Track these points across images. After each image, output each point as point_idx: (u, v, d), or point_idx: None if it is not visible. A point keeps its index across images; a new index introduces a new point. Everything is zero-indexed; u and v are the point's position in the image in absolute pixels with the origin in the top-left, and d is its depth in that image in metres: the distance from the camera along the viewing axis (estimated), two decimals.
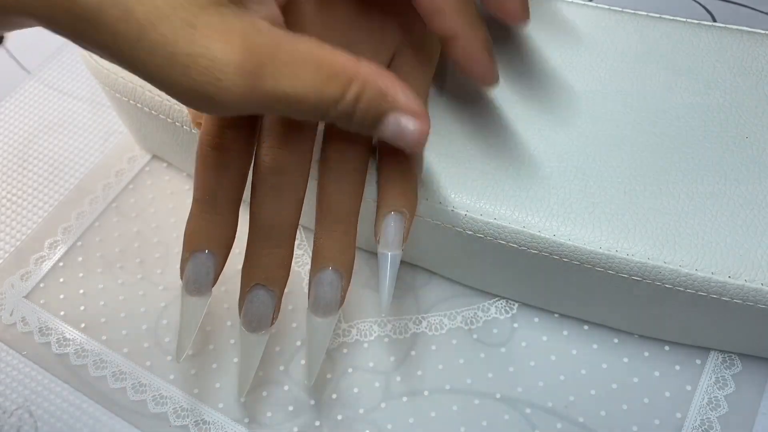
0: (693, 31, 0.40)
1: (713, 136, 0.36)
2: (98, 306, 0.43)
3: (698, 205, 0.34)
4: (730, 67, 0.38)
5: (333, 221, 0.33)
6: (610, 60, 0.39)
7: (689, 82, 0.38)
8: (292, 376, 0.39)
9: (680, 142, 0.36)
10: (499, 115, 0.38)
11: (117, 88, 0.41)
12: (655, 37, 0.40)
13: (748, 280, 0.32)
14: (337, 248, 0.33)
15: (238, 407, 0.38)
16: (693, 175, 0.35)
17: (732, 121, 0.37)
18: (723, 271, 0.33)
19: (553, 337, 0.39)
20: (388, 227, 0.33)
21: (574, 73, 0.39)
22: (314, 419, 0.38)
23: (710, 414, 0.36)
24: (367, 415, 0.38)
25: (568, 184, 0.35)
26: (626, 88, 0.38)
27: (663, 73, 0.39)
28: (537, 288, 0.39)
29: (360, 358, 0.40)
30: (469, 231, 0.36)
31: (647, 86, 0.38)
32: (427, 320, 0.41)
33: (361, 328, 0.41)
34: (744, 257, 0.33)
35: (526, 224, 0.35)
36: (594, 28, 0.41)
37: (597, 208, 0.35)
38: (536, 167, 0.36)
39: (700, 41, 0.40)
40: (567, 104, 0.38)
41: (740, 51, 0.39)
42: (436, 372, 0.39)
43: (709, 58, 0.39)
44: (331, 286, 0.33)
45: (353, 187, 0.33)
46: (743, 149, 0.36)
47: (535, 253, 0.35)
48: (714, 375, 0.38)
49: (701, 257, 0.33)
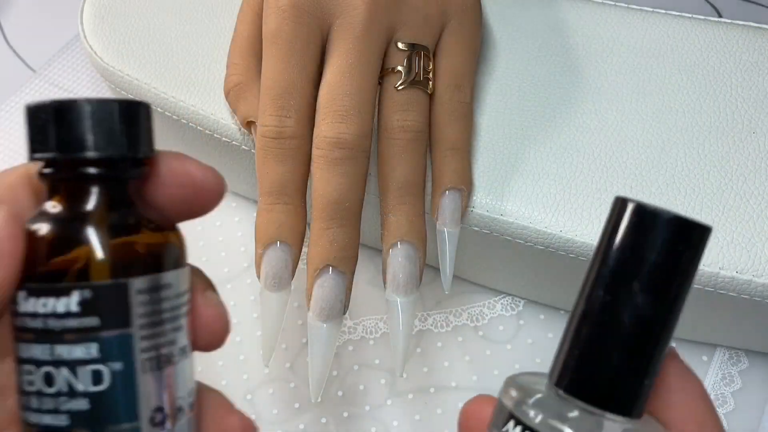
0: (699, 27, 0.40)
1: (720, 132, 0.36)
2: None
3: (705, 201, 0.34)
4: (737, 63, 0.38)
5: (400, 194, 0.33)
6: (615, 56, 0.39)
7: (695, 78, 0.38)
8: (298, 374, 0.39)
9: (687, 137, 0.36)
10: (503, 112, 0.38)
11: (122, 85, 0.41)
12: (661, 33, 0.40)
13: (756, 276, 0.32)
14: (407, 222, 0.32)
15: (244, 404, 0.38)
16: (700, 171, 0.35)
17: (739, 117, 0.37)
18: (730, 266, 0.32)
19: (559, 334, 0.39)
20: (446, 204, 0.33)
21: (580, 69, 0.39)
22: (320, 416, 0.38)
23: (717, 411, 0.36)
24: (373, 412, 0.38)
25: (574, 180, 0.35)
26: (632, 84, 0.38)
27: (669, 69, 0.39)
28: (543, 285, 0.39)
29: (366, 355, 0.40)
30: (476, 227, 0.36)
31: (653, 82, 0.38)
32: (433, 317, 0.41)
33: (366, 325, 0.41)
34: (752, 252, 0.33)
35: (533, 220, 0.34)
36: (600, 24, 0.41)
37: (604, 204, 0.34)
38: (542, 163, 0.36)
39: (706, 37, 0.40)
40: (572, 100, 0.38)
41: (746, 47, 0.39)
42: (442, 369, 0.39)
43: (715, 54, 0.39)
44: (409, 260, 0.32)
45: (417, 157, 0.33)
46: (750, 144, 0.36)
47: (542, 249, 0.35)
48: (720, 372, 0.37)
49: (708, 253, 0.33)
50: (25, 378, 0.19)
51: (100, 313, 0.19)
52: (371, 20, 0.32)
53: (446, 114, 0.34)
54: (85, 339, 0.19)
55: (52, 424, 0.19)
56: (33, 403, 0.19)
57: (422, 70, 0.34)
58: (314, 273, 0.31)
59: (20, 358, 0.19)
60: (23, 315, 0.19)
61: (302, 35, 0.32)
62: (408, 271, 0.32)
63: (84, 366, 0.19)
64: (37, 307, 0.19)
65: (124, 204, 0.20)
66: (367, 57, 0.32)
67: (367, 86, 0.32)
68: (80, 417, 0.19)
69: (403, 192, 0.33)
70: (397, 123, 0.33)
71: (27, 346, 0.19)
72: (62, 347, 0.19)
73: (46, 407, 0.19)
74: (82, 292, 0.19)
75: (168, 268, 0.20)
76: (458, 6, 0.35)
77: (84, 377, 0.19)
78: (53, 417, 0.19)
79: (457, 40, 0.35)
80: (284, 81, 0.32)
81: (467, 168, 0.34)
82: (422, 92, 0.34)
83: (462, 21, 0.35)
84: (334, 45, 0.33)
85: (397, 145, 0.33)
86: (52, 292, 0.18)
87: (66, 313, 0.18)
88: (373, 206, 0.35)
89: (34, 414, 0.19)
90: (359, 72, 0.32)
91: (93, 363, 0.19)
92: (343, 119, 0.31)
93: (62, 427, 0.19)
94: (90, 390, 0.19)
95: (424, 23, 0.34)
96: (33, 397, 0.19)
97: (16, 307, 0.19)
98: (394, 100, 0.33)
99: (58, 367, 0.19)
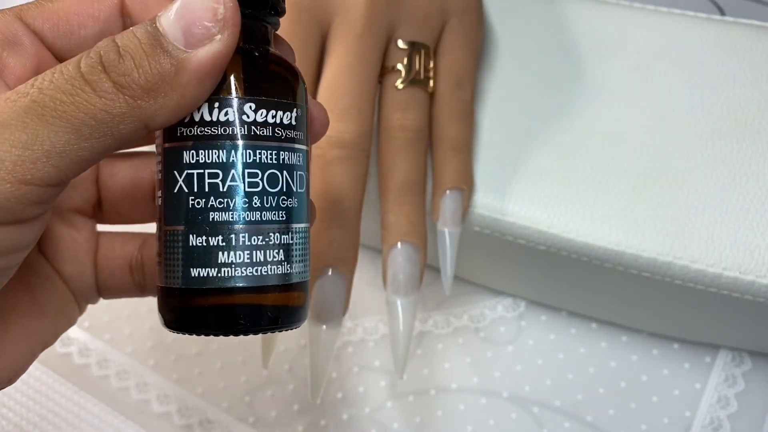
0: (702, 25, 0.40)
1: (723, 131, 0.36)
2: (101, 305, 0.43)
3: (708, 201, 0.34)
4: (740, 62, 0.38)
5: (400, 194, 0.32)
6: (617, 54, 0.39)
7: (698, 77, 0.38)
8: (297, 376, 0.39)
9: (690, 136, 0.36)
10: (504, 111, 0.38)
11: None
12: (664, 31, 0.40)
13: (759, 276, 0.32)
14: (407, 222, 0.32)
15: (242, 406, 0.38)
16: (703, 170, 0.35)
17: (742, 116, 0.36)
18: (734, 267, 0.32)
19: (561, 335, 0.39)
20: (447, 204, 0.33)
21: (582, 68, 0.39)
22: (320, 418, 0.38)
23: (720, 412, 0.36)
24: (373, 415, 0.38)
25: (576, 180, 0.35)
26: (634, 83, 0.38)
27: (672, 67, 0.38)
28: (545, 285, 0.38)
29: (366, 357, 0.39)
30: (477, 227, 0.35)
31: (656, 81, 0.38)
32: (434, 318, 0.40)
33: (366, 327, 0.40)
34: (755, 253, 0.32)
35: (534, 220, 0.34)
36: (602, 22, 0.40)
37: (606, 204, 0.34)
38: (544, 163, 0.36)
39: (709, 36, 0.39)
40: (574, 99, 0.38)
41: (749, 45, 0.39)
42: (443, 371, 0.39)
43: (718, 53, 0.39)
44: (409, 260, 0.32)
45: (418, 156, 0.33)
46: (754, 143, 0.35)
47: (544, 249, 0.34)
48: (724, 373, 0.37)
49: (712, 253, 0.32)
50: (246, 180, 0.22)
51: (302, 129, 0.23)
52: (371, 18, 0.32)
53: (447, 113, 0.34)
54: (296, 149, 0.23)
55: (272, 218, 0.22)
56: (254, 202, 0.22)
57: (423, 68, 0.33)
58: (314, 274, 0.31)
59: (238, 162, 0.21)
60: (247, 124, 0.22)
61: (301, 33, 0.32)
62: (408, 272, 0.32)
63: (297, 171, 0.23)
64: (267, 117, 0.22)
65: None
66: (367, 55, 0.32)
67: (367, 85, 0.32)
68: (292, 213, 0.23)
69: (404, 192, 0.32)
70: (398, 122, 0.33)
71: (250, 151, 0.22)
72: (285, 153, 0.22)
73: (267, 205, 0.22)
74: (298, 109, 0.23)
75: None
76: (459, 4, 0.35)
77: (298, 180, 0.23)
78: (273, 213, 0.22)
79: (457, 39, 0.35)
80: None
81: (468, 168, 0.34)
82: (423, 91, 0.33)
83: (463, 19, 0.35)
84: (334, 43, 0.32)
85: (398, 144, 0.33)
86: (280, 106, 0.22)
87: (289, 124, 0.22)
88: (373, 206, 0.35)
89: (251, 212, 0.22)
90: (359, 71, 0.32)
91: (301, 169, 0.23)
92: (342, 118, 0.31)
93: (280, 221, 0.22)
94: (299, 191, 0.23)
95: (424, 21, 0.34)
96: (255, 197, 0.22)
97: (242, 116, 0.21)
98: (394, 99, 0.33)
99: (281, 171, 0.22)
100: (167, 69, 0.20)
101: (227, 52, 0.21)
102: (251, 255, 0.22)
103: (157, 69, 0.20)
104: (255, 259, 0.22)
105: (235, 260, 0.22)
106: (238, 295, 0.22)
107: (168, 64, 0.20)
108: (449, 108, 0.34)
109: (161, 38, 0.20)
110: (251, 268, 0.22)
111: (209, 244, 0.22)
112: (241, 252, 0.22)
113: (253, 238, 0.22)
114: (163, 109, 0.20)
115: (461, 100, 0.34)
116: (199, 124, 0.21)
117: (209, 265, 0.22)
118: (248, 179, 0.22)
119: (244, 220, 0.22)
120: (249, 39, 0.22)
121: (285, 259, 0.22)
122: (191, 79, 0.20)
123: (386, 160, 0.33)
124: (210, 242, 0.22)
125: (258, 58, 0.22)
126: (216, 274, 0.22)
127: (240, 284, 0.22)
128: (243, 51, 0.22)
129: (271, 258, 0.22)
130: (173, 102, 0.20)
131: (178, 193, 0.22)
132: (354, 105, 0.31)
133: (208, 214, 0.22)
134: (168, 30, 0.20)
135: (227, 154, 0.21)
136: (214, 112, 0.21)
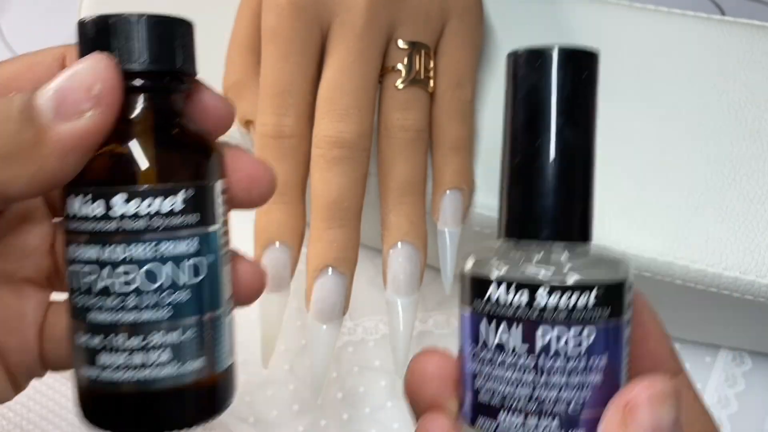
0: (702, 25, 0.40)
1: (723, 131, 0.36)
2: None
3: (709, 201, 0.34)
4: (740, 61, 0.38)
5: (400, 194, 0.32)
6: (618, 54, 0.39)
7: (698, 77, 0.38)
8: (297, 376, 0.39)
9: (690, 136, 0.36)
10: None
11: None
12: (664, 31, 0.40)
13: (760, 276, 0.32)
14: (408, 222, 0.32)
15: (242, 406, 0.38)
16: (703, 170, 0.35)
17: (742, 116, 0.36)
18: (734, 267, 0.32)
19: None
20: (447, 204, 0.33)
21: None
22: (320, 418, 0.38)
23: (720, 412, 0.36)
24: (374, 415, 0.38)
25: None
26: (634, 83, 0.38)
27: (672, 67, 0.38)
28: None
29: (366, 357, 0.39)
30: (477, 227, 0.35)
31: (656, 80, 0.38)
32: (434, 318, 0.40)
33: (367, 327, 0.40)
34: (755, 253, 0.32)
35: None
36: (602, 22, 0.40)
37: (606, 204, 0.34)
38: None
39: (710, 35, 0.39)
40: None
41: (749, 45, 0.39)
42: None
43: (718, 53, 0.39)
44: (410, 260, 0.32)
45: (418, 156, 0.33)
46: (754, 143, 0.35)
47: None
48: (724, 373, 0.37)
49: (712, 253, 0.32)
50: (118, 280, 0.20)
51: (200, 210, 0.21)
52: (371, 18, 0.32)
53: (447, 113, 0.34)
54: (185, 236, 0.21)
55: (152, 318, 0.20)
56: (129, 302, 0.20)
57: (423, 68, 0.33)
58: (314, 274, 0.31)
59: (109, 260, 0.20)
60: (117, 218, 0.20)
61: (301, 33, 0.32)
62: (408, 272, 0.32)
63: (190, 260, 0.21)
64: (139, 208, 0.20)
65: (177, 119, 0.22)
66: (367, 55, 0.32)
67: (367, 85, 0.32)
68: (181, 308, 0.21)
69: (404, 192, 0.32)
70: (398, 122, 0.33)
71: (121, 247, 0.20)
72: (168, 243, 0.20)
73: (145, 303, 0.20)
74: (190, 189, 0.21)
75: (224, 176, 0.23)
76: (459, 4, 0.35)
77: (190, 270, 0.21)
78: (153, 311, 0.20)
79: (458, 38, 0.35)
80: (283, 79, 0.32)
81: (468, 167, 0.34)
82: (423, 91, 0.33)
83: (463, 19, 0.35)
84: (334, 43, 0.32)
85: (398, 144, 0.33)
86: (161, 192, 0.20)
87: (170, 211, 0.20)
88: (373, 206, 0.35)
89: (127, 313, 0.20)
90: (359, 70, 0.32)
91: (196, 256, 0.21)
92: (342, 118, 0.31)
93: (163, 320, 0.20)
94: (191, 282, 0.21)
95: (424, 21, 0.34)
96: (131, 296, 0.20)
97: (108, 211, 0.20)
98: (394, 98, 0.33)
99: (162, 264, 0.20)
100: (27, 138, 0.19)
101: (95, 130, 0.20)
102: (130, 357, 0.20)
103: (18, 136, 0.19)
104: (136, 362, 0.20)
105: (114, 362, 0.21)
106: (123, 397, 0.21)
107: (30, 134, 0.19)
108: (449, 108, 0.34)
109: (31, 107, 0.20)
110: (131, 371, 0.21)
111: (90, 345, 0.21)
112: (119, 354, 0.20)
113: (132, 339, 0.20)
114: (18, 178, 0.20)
115: (461, 100, 0.34)
116: (71, 218, 0.21)
117: (93, 365, 0.21)
118: (122, 277, 0.20)
119: (120, 321, 0.20)
120: (144, 113, 0.21)
121: (175, 358, 0.21)
122: (52, 151, 0.19)
123: (386, 160, 0.33)
124: (90, 343, 0.21)
125: (144, 135, 0.21)
126: (97, 375, 0.21)
127: (123, 389, 0.21)
128: (126, 129, 0.21)
129: (154, 359, 0.21)
130: (29, 172, 0.19)
131: (69, 286, 0.21)
132: (354, 105, 0.31)
133: (86, 314, 0.21)
134: (41, 100, 0.20)
135: (98, 252, 0.20)
136: (85, 205, 0.20)
